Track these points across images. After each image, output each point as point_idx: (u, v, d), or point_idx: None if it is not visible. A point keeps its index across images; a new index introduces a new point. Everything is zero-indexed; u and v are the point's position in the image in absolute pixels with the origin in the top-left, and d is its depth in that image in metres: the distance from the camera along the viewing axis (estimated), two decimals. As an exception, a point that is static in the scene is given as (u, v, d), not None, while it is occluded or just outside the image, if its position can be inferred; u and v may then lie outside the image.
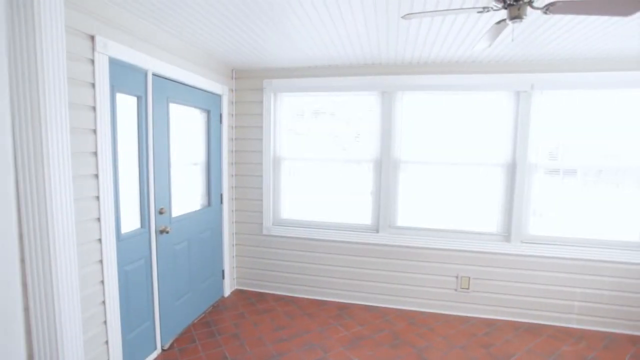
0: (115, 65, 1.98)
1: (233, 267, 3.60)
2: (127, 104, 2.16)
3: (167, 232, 2.48)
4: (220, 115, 3.23)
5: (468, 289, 3.15)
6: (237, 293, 3.54)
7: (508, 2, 1.59)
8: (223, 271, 3.40)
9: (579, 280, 2.97)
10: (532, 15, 1.94)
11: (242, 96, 3.45)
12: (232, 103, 3.44)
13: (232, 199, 3.53)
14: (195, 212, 2.93)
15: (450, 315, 3.17)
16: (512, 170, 3.04)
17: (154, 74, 2.31)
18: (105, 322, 1.95)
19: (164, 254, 2.51)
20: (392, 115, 3.18)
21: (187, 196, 2.87)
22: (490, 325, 3.01)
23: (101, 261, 1.91)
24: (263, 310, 3.19)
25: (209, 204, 3.15)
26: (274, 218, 3.54)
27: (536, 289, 3.05)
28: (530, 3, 1.57)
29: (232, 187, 3.52)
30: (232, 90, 3.43)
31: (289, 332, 2.81)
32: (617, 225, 2.96)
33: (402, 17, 1.74)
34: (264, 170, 3.45)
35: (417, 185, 3.25)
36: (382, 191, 3.24)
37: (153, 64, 2.27)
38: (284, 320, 3.01)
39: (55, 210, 1.56)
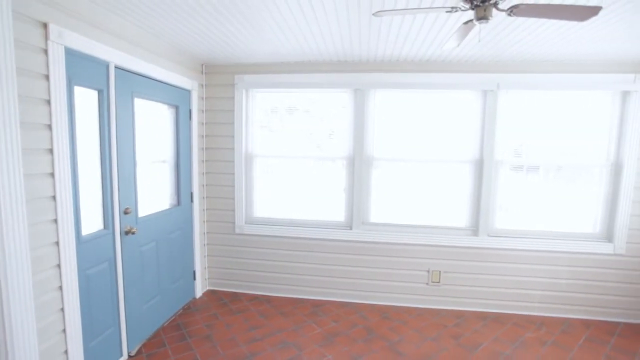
0: (73, 56, 1.85)
1: (205, 268, 3.51)
2: (87, 98, 2.03)
3: (133, 233, 2.36)
4: (190, 111, 3.12)
5: (439, 282, 3.25)
6: (210, 294, 3.45)
7: (475, 3, 1.63)
8: (194, 272, 3.30)
9: (539, 270, 3.14)
10: (497, 16, 2.00)
11: (212, 92, 3.34)
12: (202, 99, 3.33)
13: (203, 197, 3.43)
14: (164, 211, 2.82)
15: (422, 309, 3.25)
16: (479, 166, 3.15)
17: (116, 67, 2.19)
18: (64, 330, 1.83)
19: (129, 256, 2.39)
20: (365, 113, 3.20)
21: (154, 195, 2.75)
22: (460, 316, 3.12)
23: (59, 265, 1.79)
24: (236, 310, 3.13)
25: (179, 203, 3.04)
26: (246, 216, 3.47)
27: (501, 280, 3.18)
28: (495, 5, 1.62)
29: (203, 186, 3.42)
30: (202, 86, 3.32)
31: (262, 332, 2.78)
32: (573, 218, 3.15)
33: (373, 14, 1.75)
34: (236, 167, 3.37)
35: (390, 181, 3.30)
36: (355, 188, 3.26)
37: (116, 56, 2.15)
38: (258, 320, 2.97)
39: (4, 212, 1.44)
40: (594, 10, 1.54)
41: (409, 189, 3.28)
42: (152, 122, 2.70)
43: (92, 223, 2.09)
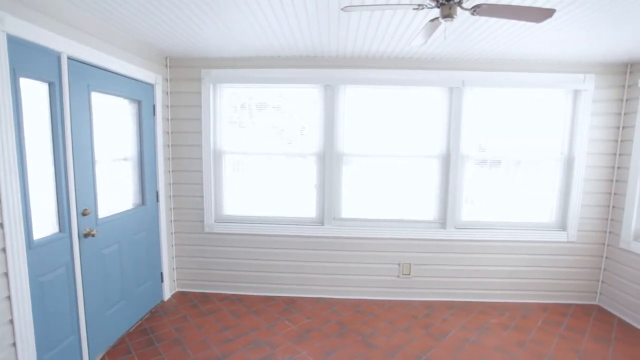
0: (18, 45, 1.70)
1: (173, 269, 3.38)
2: (36, 91, 1.88)
3: (93, 236, 2.23)
4: (154, 107, 2.98)
5: (409, 275, 3.33)
6: (179, 296, 3.34)
7: (440, 1, 1.66)
8: (162, 274, 3.18)
9: (501, 259, 3.30)
10: (462, 15, 2.06)
11: (178, 86, 3.21)
12: (167, 93, 3.19)
13: (170, 196, 3.30)
14: (127, 211, 2.68)
15: (393, 301, 3.32)
16: (446, 161, 3.25)
17: (70, 58, 2.03)
18: (14, 344, 1.69)
19: (89, 259, 2.25)
20: (335, 109, 3.21)
21: (116, 195, 2.61)
22: (429, 307, 3.22)
23: (6, 274, 1.65)
24: (207, 311, 3.05)
25: (143, 202, 2.90)
26: (216, 215, 3.38)
27: (468, 270, 3.32)
28: (459, 3, 1.66)
29: (170, 184, 3.29)
30: (167, 80, 3.18)
31: (235, 332, 2.72)
32: (532, 209, 3.34)
33: (341, 10, 1.73)
34: (204, 165, 3.27)
35: (360, 177, 3.33)
36: (326, 184, 3.27)
37: (69, 46, 2.00)
38: (230, 320, 2.91)
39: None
40: (549, 13, 1.62)
41: (379, 184, 3.33)
42: (113, 117, 2.55)
43: (45, 226, 1.94)
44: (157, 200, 3.07)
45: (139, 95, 2.78)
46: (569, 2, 1.85)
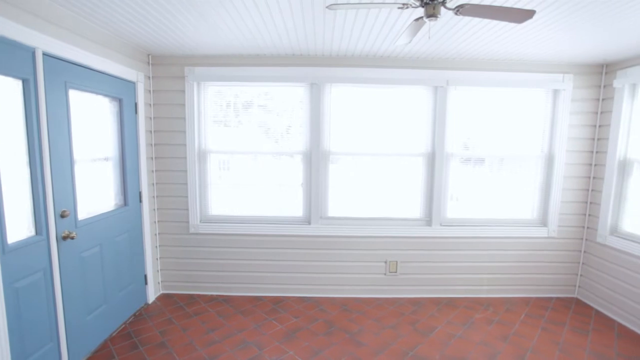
0: (-11, 41, 1.62)
1: (157, 271, 3.32)
2: (8, 88, 1.80)
3: (73, 238, 2.16)
4: (135, 105, 2.90)
5: (396, 272, 3.36)
6: (163, 298, 3.27)
7: (425, 0, 1.68)
8: (145, 276, 3.11)
9: (486, 255, 3.37)
10: (446, 15, 2.08)
11: (161, 84, 3.14)
12: (150, 91, 3.11)
13: (153, 196, 3.23)
14: (109, 213, 2.61)
15: (380, 298, 3.35)
16: (431, 159, 3.29)
17: (45, 54, 1.96)
18: (-11, 351, 1.63)
19: (69, 263, 2.18)
20: (321, 107, 3.20)
21: (97, 196, 2.53)
22: (416, 303, 3.26)
23: (-21, 279, 1.58)
24: (193, 313, 3.00)
25: (126, 203, 2.83)
26: (201, 215, 3.33)
27: (453, 267, 3.38)
28: (443, 3, 1.68)
29: (153, 184, 3.21)
30: (149, 78, 3.10)
31: (221, 333, 2.69)
32: (514, 206, 3.42)
33: (327, 8, 1.73)
34: (189, 164, 3.21)
35: (347, 175, 3.33)
36: (313, 183, 3.26)
37: (44, 42, 1.92)
38: (217, 321, 2.87)
39: None
40: (529, 14, 1.66)
41: (365, 183, 3.34)
42: (92, 116, 2.47)
43: (20, 229, 1.87)
44: (140, 200, 3.00)
45: (120, 93, 2.70)
46: (549, 4, 1.90)
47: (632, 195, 2.98)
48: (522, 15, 1.67)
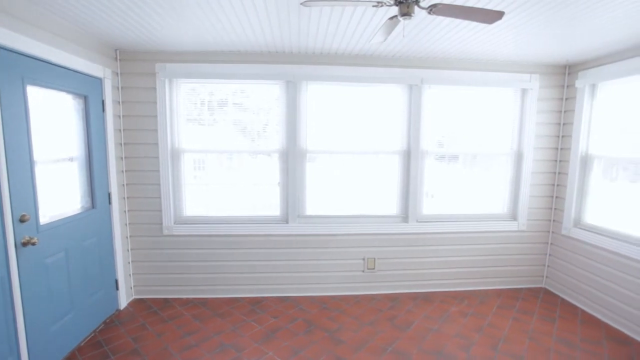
0: None
1: (129, 275, 3.19)
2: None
3: (34, 244, 2.03)
4: (103, 102, 2.77)
5: (374, 269, 3.40)
6: (136, 303, 3.15)
7: (399, -1, 1.69)
8: (116, 281, 2.98)
9: (460, 249, 3.47)
10: (420, 14, 2.11)
11: (130, 81, 3.01)
12: (118, 88, 2.98)
13: (124, 198, 3.10)
14: (75, 216, 2.47)
15: (359, 295, 3.38)
16: (407, 157, 3.35)
17: (-1, 47, 1.83)
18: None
19: (30, 271, 2.05)
20: (298, 105, 3.18)
21: (62, 198, 2.39)
22: (394, 299, 3.31)
23: None
24: (168, 317, 2.91)
25: (94, 205, 2.70)
26: (175, 216, 3.23)
27: (429, 262, 3.45)
28: (417, 2, 1.70)
29: (123, 185, 3.08)
30: (117, 74, 2.97)
31: (198, 337, 2.62)
32: (487, 201, 3.54)
33: (301, 4, 1.71)
34: (162, 164, 3.10)
35: (324, 174, 3.33)
36: (290, 182, 3.23)
37: (-3, 34, 1.79)
38: (193, 325, 2.79)
39: None
40: (498, 15, 1.71)
41: (343, 181, 3.35)
42: (55, 114, 2.33)
43: (-25, 236, 1.73)
44: (110, 202, 2.87)
45: (85, 89, 2.57)
46: (516, 7, 1.96)
47: (592, 189, 3.15)
48: (492, 16, 1.72)
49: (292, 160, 3.21)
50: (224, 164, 3.28)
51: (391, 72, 3.18)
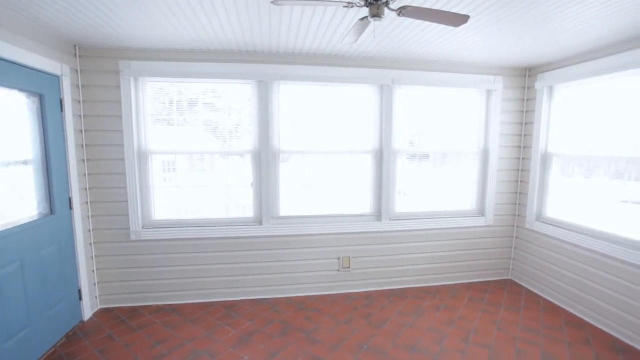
0: None
1: (94, 284, 3.02)
2: None
3: (-16, 255, 1.87)
4: (61, 101, 2.60)
5: (349, 268, 3.43)
6: (102, 313, 2.99)
7: (369, 0, 1.71)
8: (80, 291, 2.81)
9: (432, 246, 3.57)
10: (390, 16, 2.15)
11: (92, 79, 2.85)
12: (78, 87, 2.81)
13: (87, 202, 2.93)
14: (31, 223, 2.31)
15: (335, 295, 3.39)
16: (380, 156, 3.40)
17: (-61, 41, 1.67)
18: None
19: (-20, 283, 1.89)
20: (270, 105, 3.14)
21: (14, 204, 2.23)
22: (369, 297, 3.35)
23: None
24: (137, 326, 2.79)
25: (52, 211, 2.53)
26: (144, 221, 3.10)
27: (402, 259, 3.53)
28: (387, 4, 1.72)
29: (86, 189, 2.92)
30: (77, 72, 2.80)
31: (170, 345, 2.53)
32: (457, 198, 3.66)
33: (272, 3, 1.69)
34: (128, 166, 2.97)
35: (298, 174, 3.32)
36: (263, 182, 3.19)
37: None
38: (164, 333, 2.69)
39: None
40: (464, 19, 1.77)
41: (317, 181, 3.35)
42: (5, 114, 2.16)
43: None
44: (71, 208, 2.71)
45: (41, 88, 2.40)
46: (480, 12, 2.04)
47: (552, 185, 3.35)
48: (458, 19, 1.78)
49: (265, 160, 3.17)
50: (195, 166, 3.18)
51: (363, 73, 3.21)
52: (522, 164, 3.63)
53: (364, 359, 2.39)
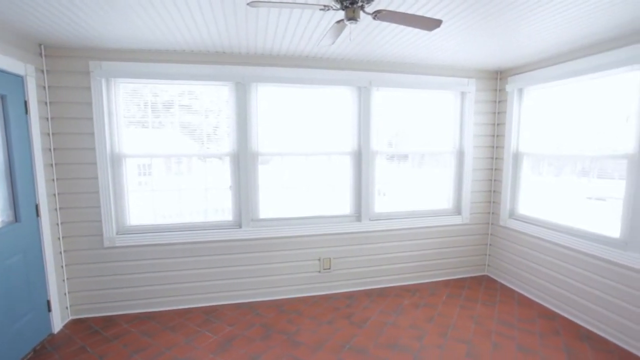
0: None
1: (64, 294, 2.89)
2: None
3: (-59, 267, 1.75)
4: (25, 103, 2.48)
5: (330, 269, 3.44)
6: (74, 325, 2.86)
7: (345, 3, 1.73)
8: (48, 302, 2.68)
9: (411, 245, 3.64)
10: (366, 19, 2.18)
11: (59, 80, 2.73)
12: (44, 88, 2.69)
13: (56, 209, 2.80)
14: (-6, 232, 2.19)
15: (316, 296, 3.39)
16: (358, 157, 3.43)
17: None
18: None
19: (-63, 297, 1.77)
20: (248, 107, 3.11)
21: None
22: (350, 297, 3.37)
23: None
24: (112, 336, 2.68)
25: (17, 219, 2.40)
26: (118, 226, 2.99)
27: (383, 258, 3.57)
28: (362, 7, 1.75)
29: (54, 195, 2.79)
30: (43, 72, 2.68)
31: (147, 354, 2.45)
32: (434, 197, 3.75)
33: (247, 5, 1.68)
34: (100, 170, 2.86)
35: (277, 176, 3.30)
36: (242, 185, 3.16)
37: None
38: (141, 342, 2.61)
39: None
40: (437, 23, 1.81)
41: (296, 182, 3.35)
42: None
43: None
44: (38, 215, 2.58)
45: (2, 88, 2.28)
46: (452, 16, 2.10)
47: (524, 183, 3.48)
48: (431, 23, 1.82)
49: (243, 163, 3.13)
50: (172, 169, 3.11)
51: (341, 75, 3.24)
52: (496, 163, 3.76)
53: (346, 359, 2.40)
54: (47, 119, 2.72)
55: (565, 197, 3.06)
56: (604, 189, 2.76)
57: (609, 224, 2.67)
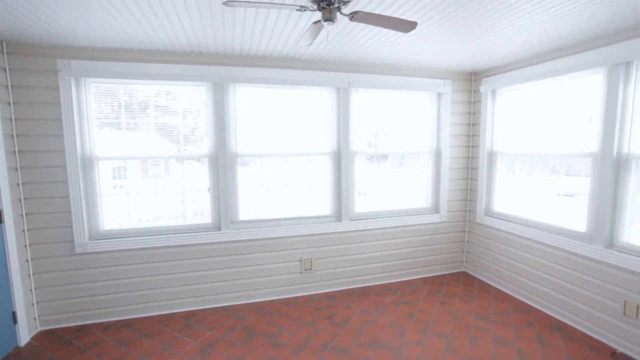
0: None
1: (32, 304, 2.75)
2: None
3: None
4: (-13, 103, 2.35)
5: (311, 269, 3.43)
6: (43, 336, 2.73)
7: (322, 5, 1.73)
8: (14, 313, 2.54)
9: (390, 244, 3.69)
10: (343, 20, 2.19)
11: (24, 79, 2.60)
12: (7, 87, 2.55)
13: (22, 215, 2.66)
14: (-48, 240, 2.05)
15: (298, 297, 3.38)
16: (338, 158, 3.45)
17: None
18: None
19: None
20: (226, 108, 3.07)
21: None
22: (332, 297, 3.38)
23: None
24: (85, 346, 2.58)
25: (-21, 226, 2.27)
26: (90, 232, 2.88)
27: (363, 258, 3.60)
28: (339, 9, 1.76)
29: (20, 200, 2.65)
30: (5, 70, 2.54)
31: (123, 364, 2.37)
32: (413, 197, 3.82)
33: (223, 4, 1.65)
34: (71, 174, 2.74)
35: (257, 177, 3.27)
36: (221, 187, 3.11)
37: None
38: (117, 351, 2.52)
39: None
40: (412, 25, 1.85)
41: (276, 184, 3.33)
42: None
43: None
44: (1, 221, 2.44)
45: (-38, 88, 2.15)
46: (427, 19, 2.15)
47: (498, 181, 3.60)
48: (407, 25, 1.86)
49: (222, 164, 3.08)
50: (149, 171, 3.02)
51: (320, 75, 3.24)
52: (471, 162, 3.87)
53: (328, 359, 2.41)
54: (11, 119, 2.58)
55: (537, 194, 3.19)
56: (572, 186, 2.89)
57: (577, 219, 2.80)
